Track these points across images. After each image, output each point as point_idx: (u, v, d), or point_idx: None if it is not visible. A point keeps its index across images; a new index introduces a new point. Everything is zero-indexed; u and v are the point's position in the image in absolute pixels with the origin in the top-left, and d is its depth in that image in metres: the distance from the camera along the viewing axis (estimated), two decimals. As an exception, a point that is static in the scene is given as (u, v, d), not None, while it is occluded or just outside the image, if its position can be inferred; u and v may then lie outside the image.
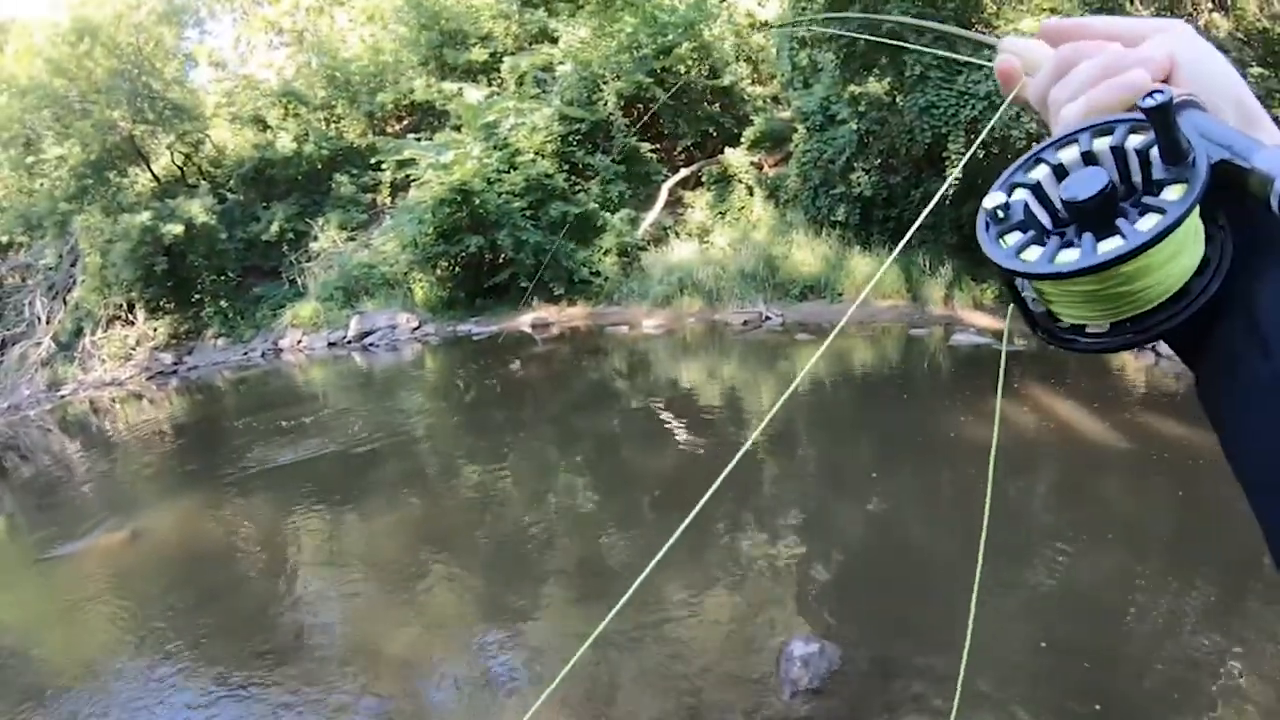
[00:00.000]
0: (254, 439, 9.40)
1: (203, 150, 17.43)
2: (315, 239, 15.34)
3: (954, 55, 9.04)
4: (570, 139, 13.89)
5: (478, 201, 12.67)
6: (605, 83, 13.96)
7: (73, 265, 17.26)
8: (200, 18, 20.23)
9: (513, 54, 15.53)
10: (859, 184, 11.62)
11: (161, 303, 15.99)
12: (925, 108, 9.61)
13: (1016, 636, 3.59)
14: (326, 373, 13.03)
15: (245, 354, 14.83)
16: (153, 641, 4.77)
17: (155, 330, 15.99)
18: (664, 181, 14.05)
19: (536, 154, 13.67)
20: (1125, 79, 0.43)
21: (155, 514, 7.42)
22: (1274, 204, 0.35)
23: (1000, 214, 0.44)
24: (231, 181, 16.79)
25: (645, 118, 14.73)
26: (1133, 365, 7.79)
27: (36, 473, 11.23)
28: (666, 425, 7.70)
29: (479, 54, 15.87)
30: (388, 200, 15.80)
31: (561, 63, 14.62)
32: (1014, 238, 0.43)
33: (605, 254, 13.20)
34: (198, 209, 14.98)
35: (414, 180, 13.82)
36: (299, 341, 14.31)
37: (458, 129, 14.42)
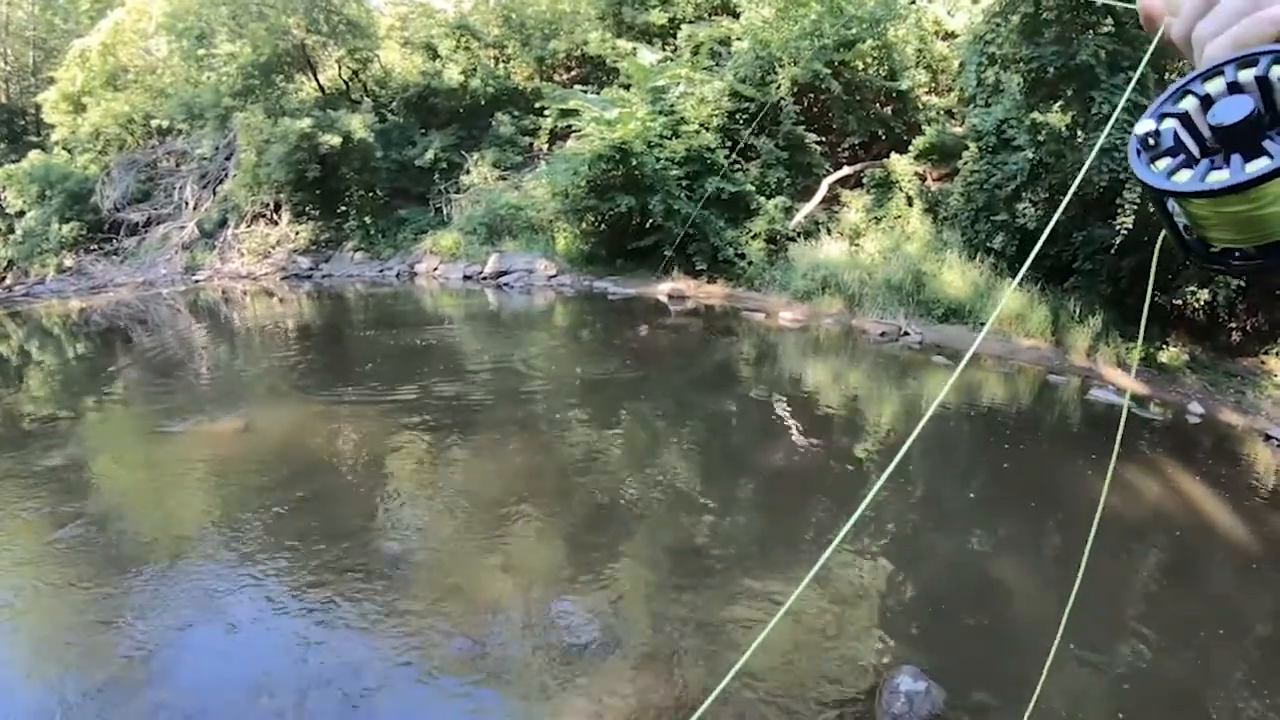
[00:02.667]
0: (376, 354, 9.42)
1: (370, 69, 17.82)
2: (467, 172, 15.49)
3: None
4: (737, 116, 13.58)
5: (635, 162, 12.50)
6: (781, 66, 13.58)
7: (227, 159, 17.92)
8: (386, -59, 20.71)
9: (691, 22, 15.30)
10: (1023, 215, 11.01)
11: (307, 208, 16.45)
12: (1107, 149, 9.00)
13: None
14: (457, 303, 13.13)
15: (380, 271, 15.12)
16: (248, 534, 4.77)
17: (297, 234, 16.47)
18: (825, 176, 13.63)
19: (701, 126, 13.42)
20: (1271, 13, 0.43)
21: (269, 409, 7.51)
22: None
23: (1151, 141, 0.45)
24: (394, 103, 17.13)
25: (815, 108, 14.38)
26: (1266, 458, 7.19)
27: (160, 348, 11.57)
28: (783, 421, 7.38)
29: (658, 17, 15.70)
30: (545, 146, 15.83)
31: (739, 39, 14.30)
32: (1164, 163, 0.43)
33: (754, 238, 12.89)
34: (357, 124, 15.30)
35: (575, 131, 13.75)
36: (435, 269, 14.50)
37: (626, 87, 14.27)
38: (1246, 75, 0.42)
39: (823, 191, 13.46)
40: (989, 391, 8.97)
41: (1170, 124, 0.46)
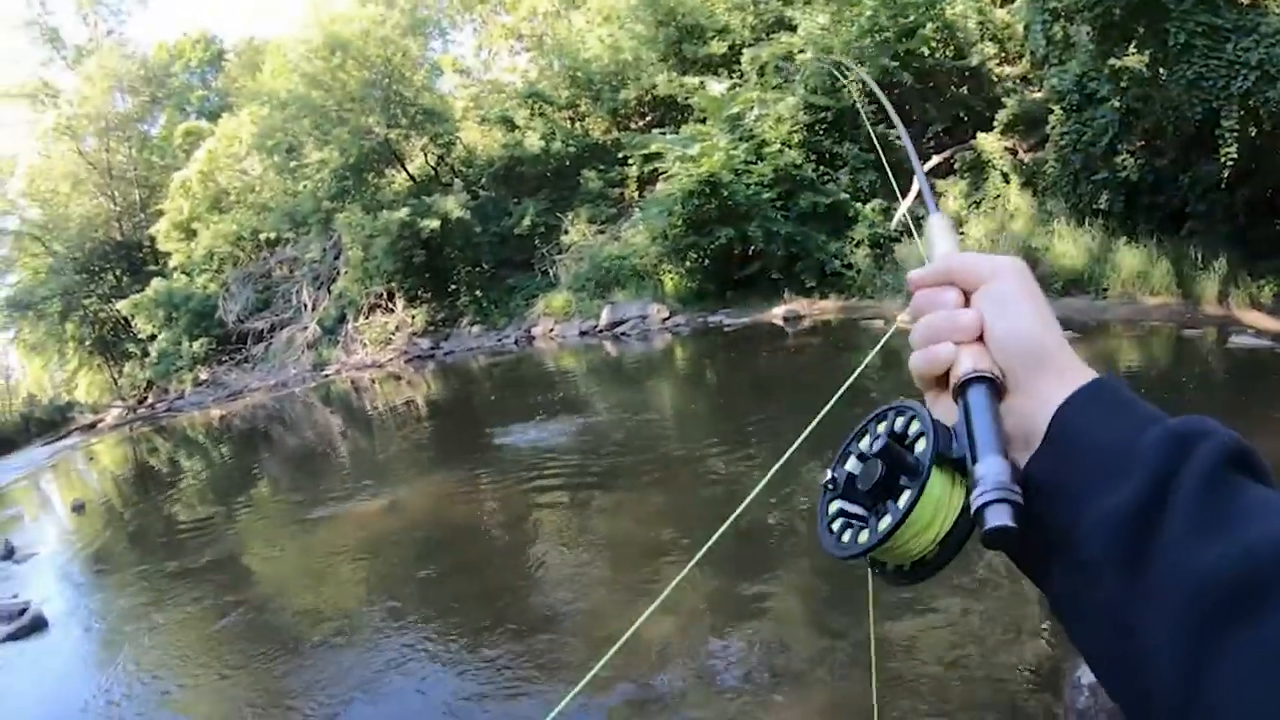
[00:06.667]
0: (506, 420, 9.49)
1: (454, 151, 18.73)
2: (566, 232, 16.10)
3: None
4: (816, 128, 13.74)
5: (726, 193, 12.79)
6: (848, 69, 13.65)
7: (336, 258, 19.08)
8: (442, 28, 21.81)
9: (751, 45, 15.53)
10: (1123, 167, 10.67)
11: (419, 292, 17.38)
12: (1193, 81, 8.61)
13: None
14: (578, 360, 13.61)
15: (499, 340, 15.80)
16: (403, 605, 4.90)
17: (413, 317, 17.39)
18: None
19: (783, 144, 13.62)
20: (933, 353, 0.52)
21: (409, 486, 7.74)
22: (972, 505, 0.46)
23: (829, 487, 0.56)
24: (483, 179, 17.97)
25: (892, 103, 14.35)
26: None
27: (300, 443, 12.33)
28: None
29: (718, 47, 16.03)
30: (635, 194, 16.33)
31: (802, 51, 14.45)
32: (839, 521, 0.54)
33: (857, 245, 12.96)
34: (452, 205, 16.11)
35: (661, 174, 14.15)
36: (551, 330, 15.08)
37: (702, 121, 14.61)
38: (880, 430, 0.55)
39: (916, 186, 13.42)
40: (1124, 358, 8.68)
41: (841, 472, 0.56)
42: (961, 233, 12.66)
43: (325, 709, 3.95)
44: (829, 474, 0.57)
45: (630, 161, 15.46)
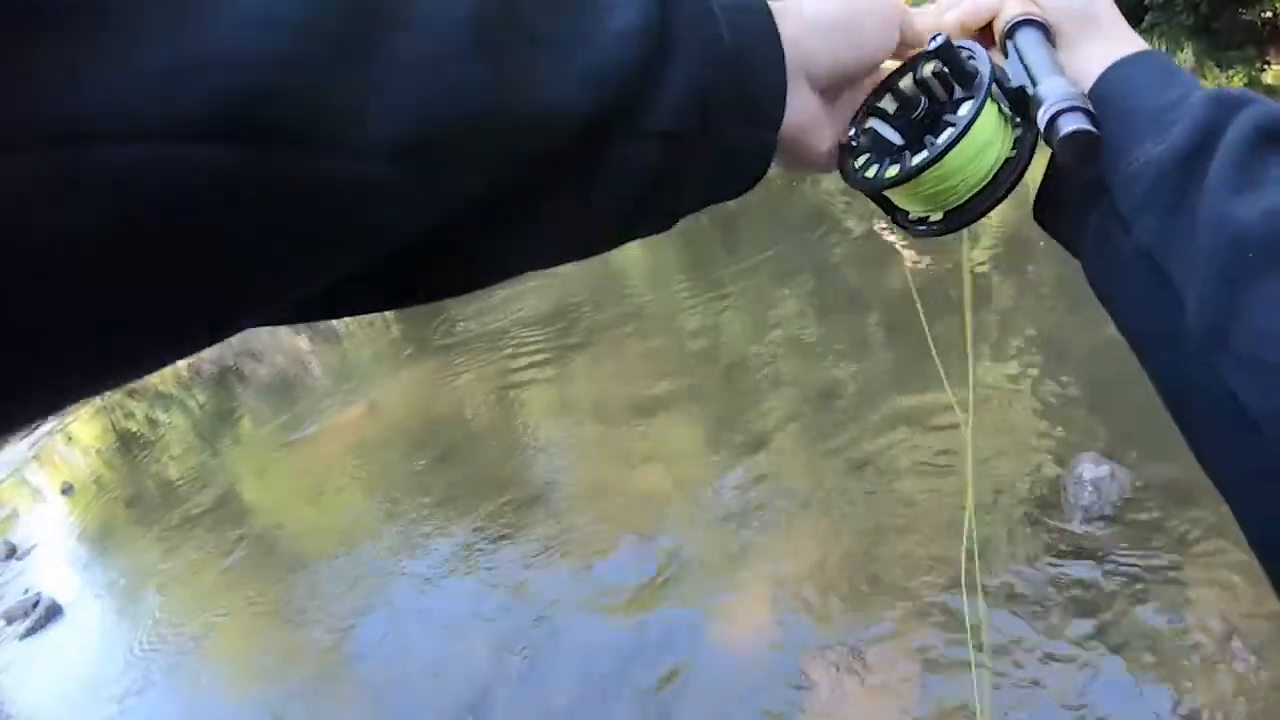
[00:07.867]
0: (467, 307, 9.25)
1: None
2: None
3: None
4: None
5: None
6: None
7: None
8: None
9: None
10: None
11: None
12: None
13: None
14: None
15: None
16: (402, 503, 4.83)
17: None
18: None
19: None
20: (973, 5, 0.48)
21: (386, 387, 7.49)
22: (1040, 122, 0.41)
23: (854, 143, 0.49)
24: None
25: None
26: None
27: (271, 369, 11.86)
28: (888, 243, 7.08)
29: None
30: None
31: None
32: (863, 159, 0.48)
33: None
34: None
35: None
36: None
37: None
38: (927, 71, 0.48)
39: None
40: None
41: (873, 122, 0.50)
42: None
43: (341, 620, 3.98)
44: (851, 129, 0.50)
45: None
